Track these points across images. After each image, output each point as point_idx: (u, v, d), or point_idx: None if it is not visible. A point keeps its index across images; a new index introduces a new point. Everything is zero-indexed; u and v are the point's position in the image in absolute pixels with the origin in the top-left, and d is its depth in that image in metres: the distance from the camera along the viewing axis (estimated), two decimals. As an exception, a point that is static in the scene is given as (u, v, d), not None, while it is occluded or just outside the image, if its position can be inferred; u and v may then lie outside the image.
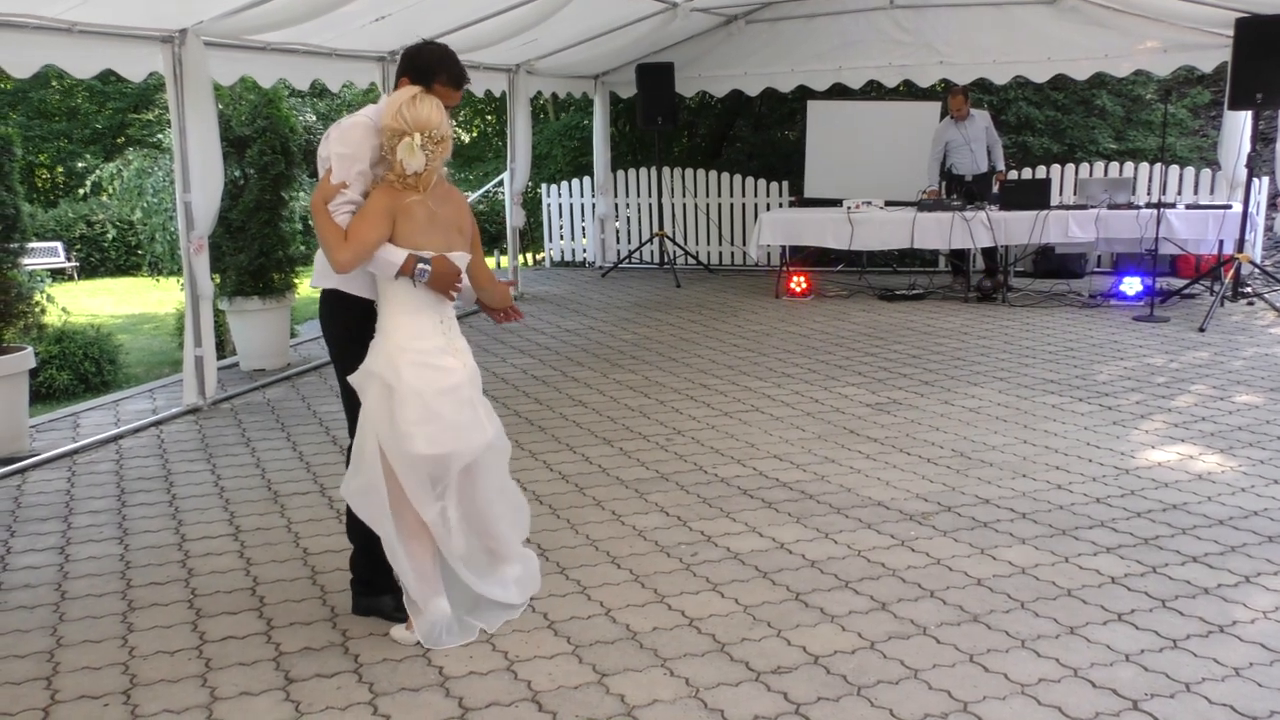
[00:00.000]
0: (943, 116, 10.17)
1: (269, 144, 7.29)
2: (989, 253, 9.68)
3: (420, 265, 3.21)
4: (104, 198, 16.55)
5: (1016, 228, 9.11)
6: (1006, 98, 12.63)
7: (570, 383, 6.99)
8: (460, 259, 3.34)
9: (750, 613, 3.58)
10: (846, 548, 4.12)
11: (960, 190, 9.83)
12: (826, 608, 3.60)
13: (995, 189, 9.76)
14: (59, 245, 18.61)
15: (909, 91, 12.26)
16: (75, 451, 5.68)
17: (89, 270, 18.71)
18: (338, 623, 3.59)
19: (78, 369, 8.53)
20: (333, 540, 4.32)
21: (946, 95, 10.09)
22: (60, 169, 23.77)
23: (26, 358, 5.70)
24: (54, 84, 22.90)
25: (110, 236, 17.51)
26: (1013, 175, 10.92)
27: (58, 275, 18.15)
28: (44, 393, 8.41)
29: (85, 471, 5.37)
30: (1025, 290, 9.83)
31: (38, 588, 3.94)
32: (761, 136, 13.79)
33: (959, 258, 10.12)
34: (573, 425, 5.98)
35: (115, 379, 8.98)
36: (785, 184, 12.07)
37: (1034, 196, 9.32)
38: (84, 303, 14.57)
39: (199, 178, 6.18)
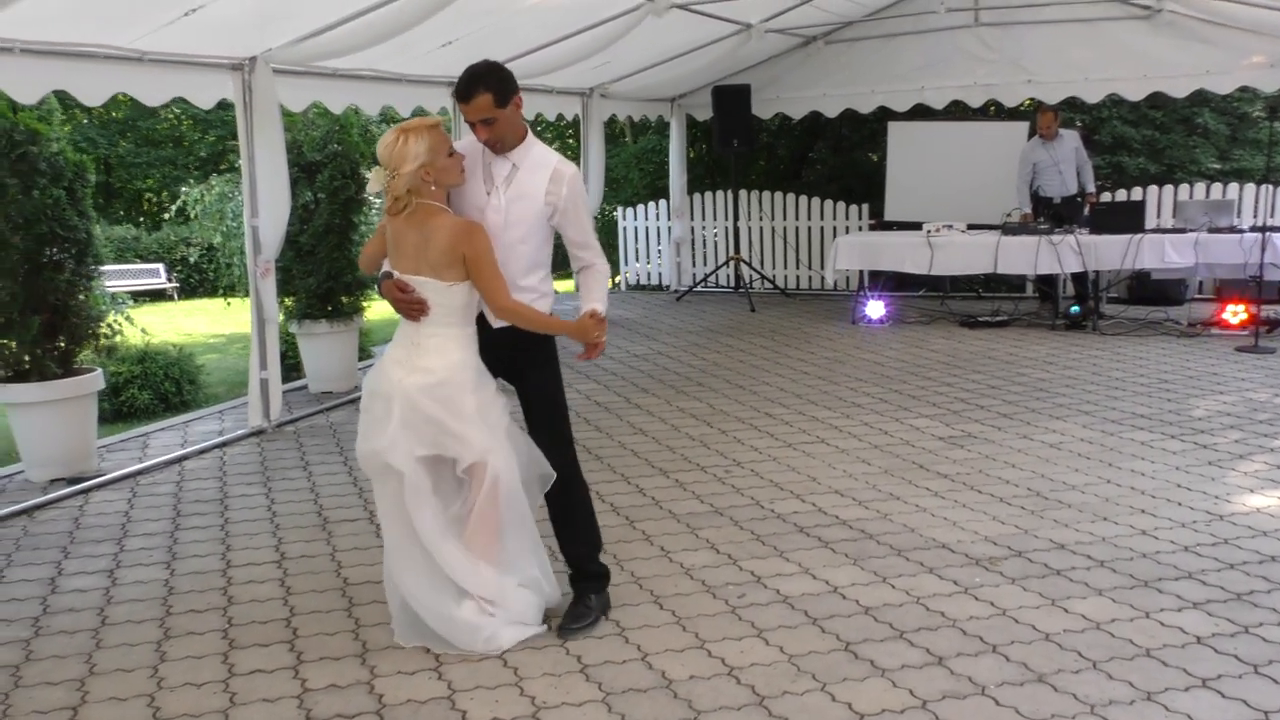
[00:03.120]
0: (1030, 136, 9.78)
1: (339, 169, 7.36)
2: (1079, 278, 9.24)
3: (381, 281, 3.53)
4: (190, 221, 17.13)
5: (1108, 252, 8.67)
6: (1100, 116, 12.14)
7: (633, 410, 6.84)
8: (423, 284, 3.40)
9: (795, 663, 3.37)
10: (904, 594, 3.87)
11: (1047, 213, 9.42)
12: (877, 660, 3.36)
13: (1086, 212, 9.33)
14: (160, 267, 19.32)
15: (995, 112, 11.86)
16: (139, 473, 5.76)
17: (188, 291, 19.35)
18: (367, 659, 3.49)
19: (158, 389, 8.69)
20: (374, 570, 4.23)
21: (1035, 114, 9.71)
22: (165, 193, 24.76)
23: (95, 379, 5.80)
24: (161, 113, 23.88)
25: (193, 259, 18.07)
26: (1105, 197, 10.45)
27: (158, 296, 18.84)
28: (125, 412, 8.60)
29: (146, 493, 5.43)
30: (1118, 317, 9.36)
31: (81, 612, 3.95)
32: (841, 159, 13.52)
33: (1047, 283, 9.69)
34: (630, 455, 5.83)
35: (195, 399, 9.16)
36: (865, 207, 11.78)
37: (1127, 219, 8.87)
38: (180, 323, 15.05)
39: (267, 202, 6.24)
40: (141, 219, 22.63)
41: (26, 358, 5.55)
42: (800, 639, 3.53)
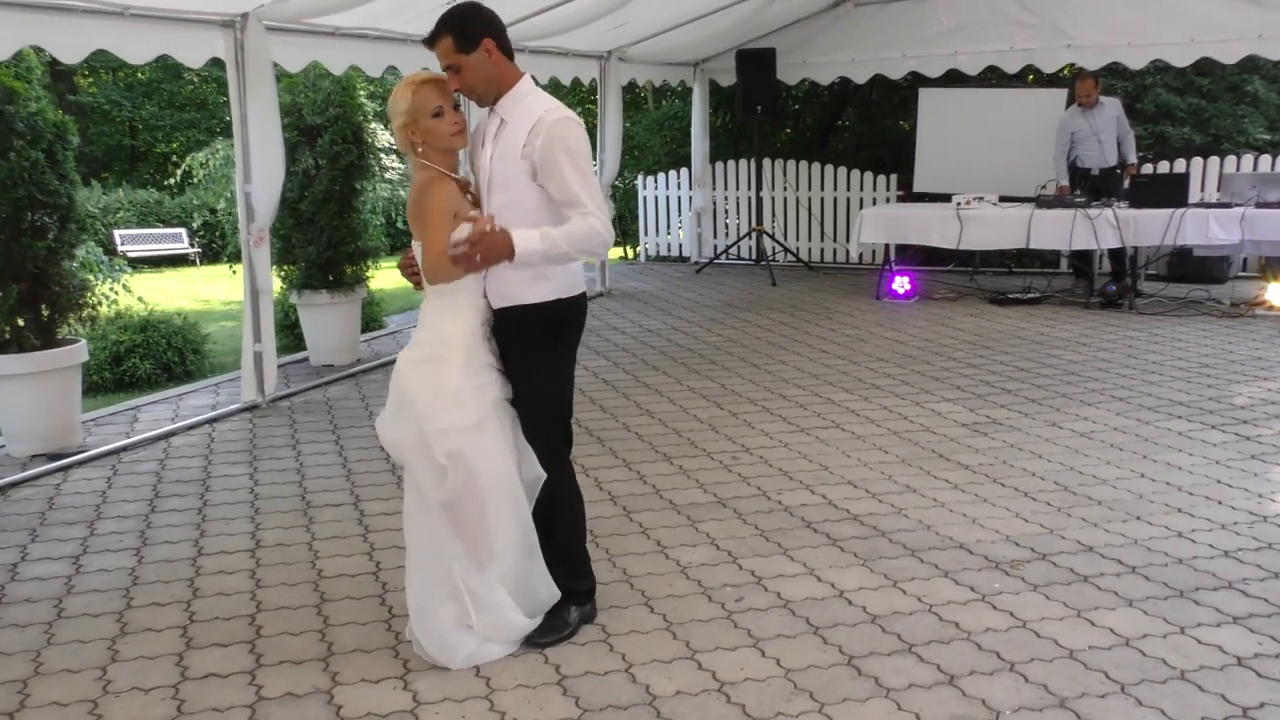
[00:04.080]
0: (1069, 104, 9.31)
1: (340, 133, 7.07)
2: (1116, 254, 8.80)
3: None
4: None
5: (1148, 227, 8.23)
6: (1143, 83, 11.58)
7: (640, 389, 6.55)
8: (416, 249, 3.17)
9: (792, 678, 3.07)
10: (916, 600, 3.56)
11: (1085, 185, 8.97)
12: (882, 678, 3.06)
13: (1125, 184, 8.87)
14: (183, 231, 19.17)
15: (1034, 79, 11.35)
16: (123, 449, 5.54)
17: (211, 256, 19.20)
18: (330, 663, 3.24)
19: (160, 358, 8.50)
20: (351, 562, 3.99)
21: (1074, 81, 9.22)
22: (188, 157, 24.68)
23: (79, 351, 5.58)
24: (185, 76, 23.72)
25: (197, 224, 17.93)
26: (1147, 169, 9.97)
27: (180, 261, 18.72)
28: (127, 382, 8.43)
29: (127, 471, 5.21)
30: (1156, 296, 8.92)
31: (38, 603, 3.73)
32: (870, 127, 13.04)
33: (1082, 259, 9.25)
34: (634, 438, 5.54)
35: (199, 369, 8.97)
36: (894, 177, 11.34)
37: (1169, 193, 8.40)
38: (199, 288, 14.89)
39: (260, 167, 5.97)
40: (168, 182, 22.49)
41: (6, 328, 5.33)
42: (799, 651, 3.23)
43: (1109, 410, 5.77)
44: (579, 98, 14.47)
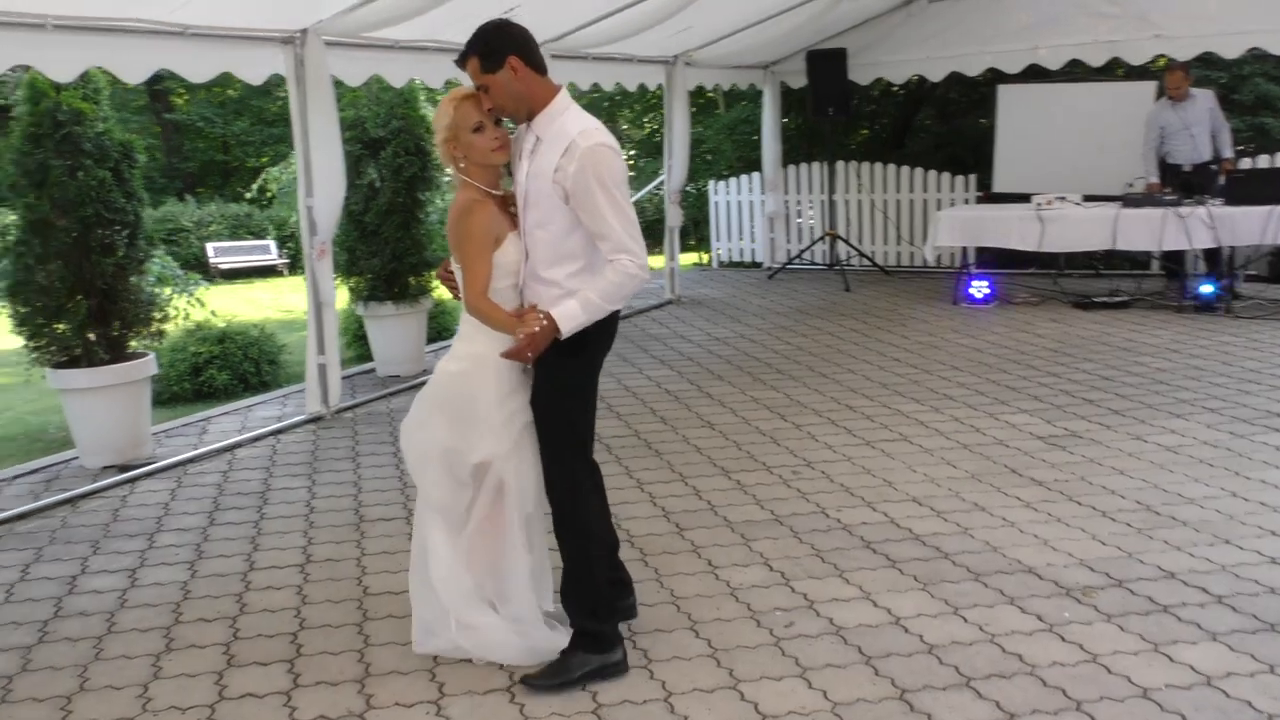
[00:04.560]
0: (1158, 97, 8.87)
1: (402, 145, 7.10)
2: (1211, 254, 8.34)
3: None
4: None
5: (1245, 226, 7.78)
6: (1240, 73, 11.00)
7: (703, 399, 6.41)
8: (456, 268, 3.16)
9: (838, 712, 2.91)
10: (977, 629, 3.35)
11: (1176, 182, 8.54)
12: (936, 714, 2.88)
13: (1221, 180, 8.41)
14: (271, 243, 19.65)
15: (1121, 72, 10.87)
16: (189, 461, 5.62)
17: (297, 267, 19.61)
18: (366, 685, 3.19)
19: (237, 369, 8.67)
20: (396, 579, 3.94)
21: (1163, 73, 8.78)
22: (264, 172, 25.33)
23: (147, 365, 5.68)
24: (273, 92, 24.37)
25: (282, 236, 18.34)
26: (1244, 164, 9.45)
27: (269, 272, 19.20)
28: (205, 392, 8.61)
29: (191, 483, 5.28)
30: (1255, 299, 8.43)
31: (91, 617, 3.76)
32: (948, 126, 12.67)
33: (1173, 260, 8.80)
34: (693, 450, 5.41)
35: (275, 379, 9.12)
36: (973, 178, 10.98)
37: (1269, 189, 7.94)
38: (286, 299, 15.24)
39: (321, 181, 6.01)
40: (248, 195, 23.12)
41: (77, 343, 5.45)
42: (849, 682, 3.07)
43: (1199, 422, 5.43)
44: (646, 105, 14.39)
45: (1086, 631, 3.31)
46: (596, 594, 3.15)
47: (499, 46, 2.94)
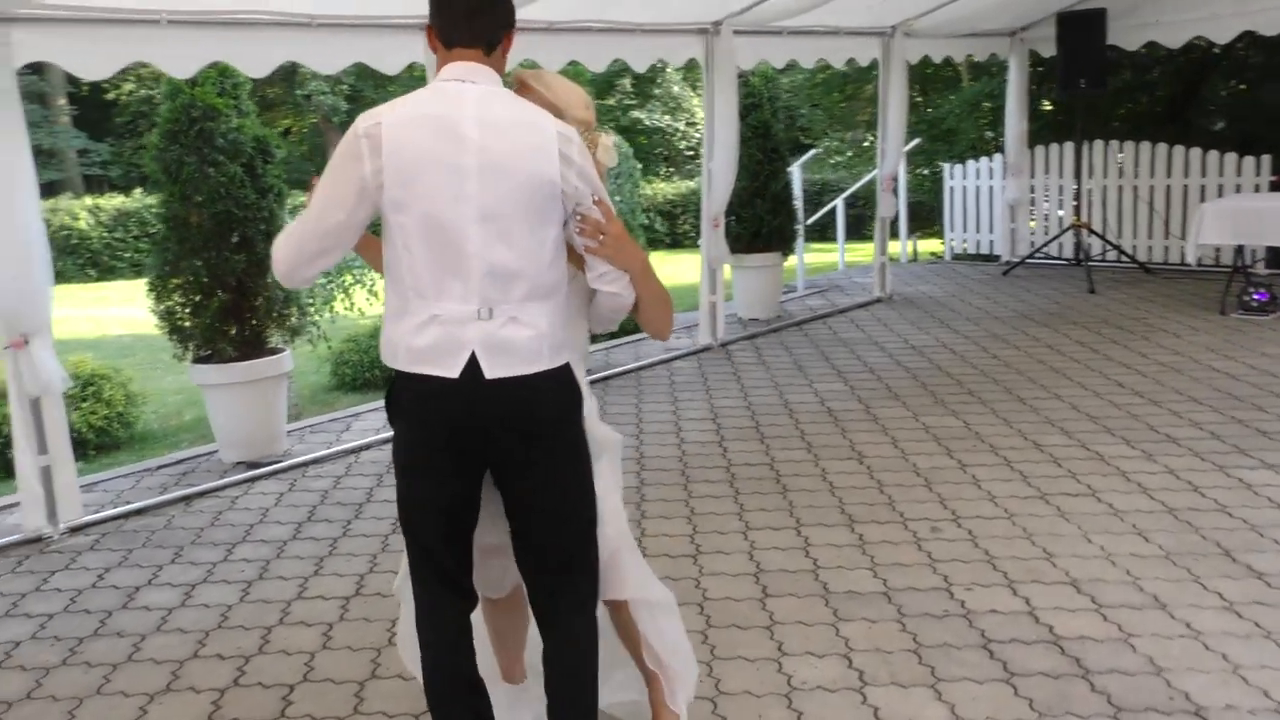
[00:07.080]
0: None
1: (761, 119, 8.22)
2: None
3: None
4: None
5: None
6: None
7: (865, 424, 5.56)
8: None
9: None
10: (1090, 802, 2.45)
11: None
12: None
13: None
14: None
15: None
16: (312, 462, 5.53)
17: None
18: (323, 768, 2.79)
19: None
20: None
21: None
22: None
23: (282, 361, 5.65)
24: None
25: None
26: None
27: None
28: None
29: (301, 488, 5.15)
30: None
31: (123, 639, 3.63)
32: (1239, 98, 10.66)
33: None
34: (825, 490, 4.63)
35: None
36: (1266, 159, 9.13)
37: None
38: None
39: (721, 154, 6.96)
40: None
41: (211, 339, 5.49)
42: None
43: None
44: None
45: (1252, 830, 2.33)
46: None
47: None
